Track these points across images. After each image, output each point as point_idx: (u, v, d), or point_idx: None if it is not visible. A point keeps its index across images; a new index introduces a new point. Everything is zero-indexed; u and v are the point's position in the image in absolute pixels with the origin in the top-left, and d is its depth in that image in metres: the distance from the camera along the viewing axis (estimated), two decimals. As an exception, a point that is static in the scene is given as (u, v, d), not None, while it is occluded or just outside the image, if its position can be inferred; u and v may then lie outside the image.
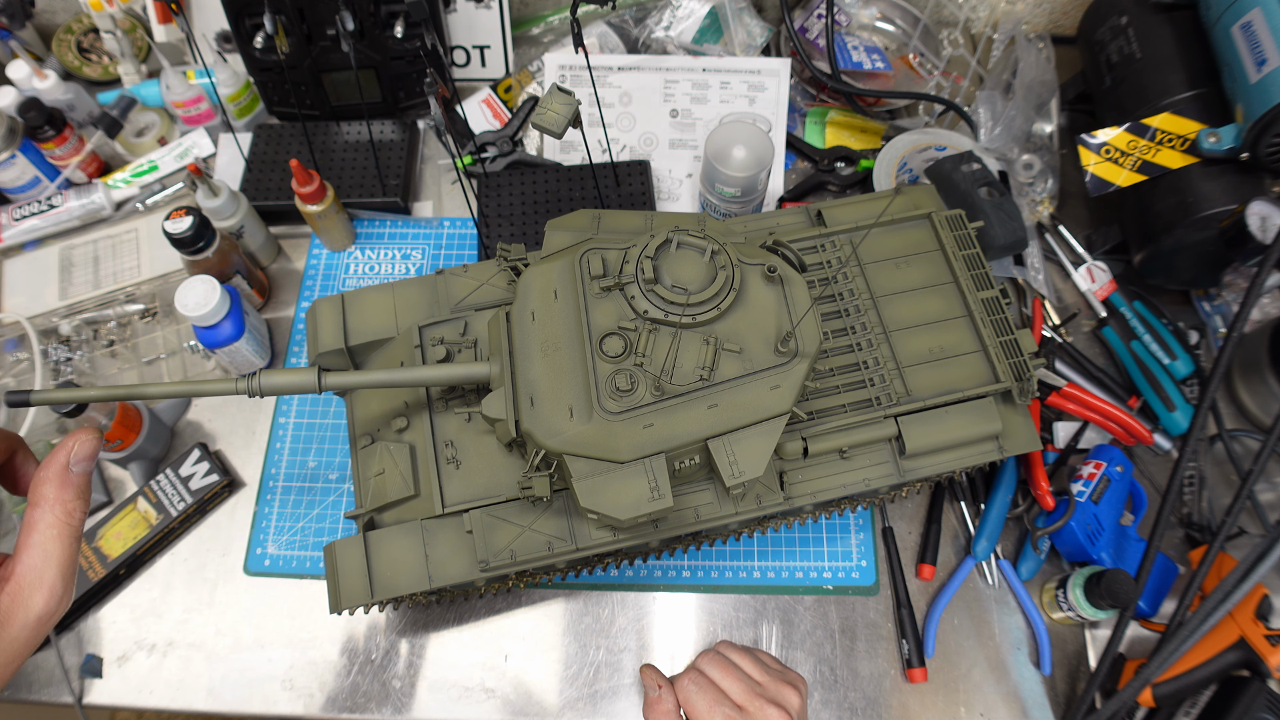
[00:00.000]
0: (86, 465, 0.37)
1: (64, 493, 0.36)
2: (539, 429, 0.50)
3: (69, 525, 0.36)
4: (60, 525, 0.36)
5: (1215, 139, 0.70)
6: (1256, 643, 0.60)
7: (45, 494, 0.36)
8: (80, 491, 0.37)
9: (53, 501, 0.36)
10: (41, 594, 0.35)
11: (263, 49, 0.84)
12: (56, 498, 0.36)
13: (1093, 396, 0.72)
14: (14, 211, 0.84)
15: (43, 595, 0.35)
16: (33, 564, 0.35)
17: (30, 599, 0.35)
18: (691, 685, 0.54)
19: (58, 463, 0.37)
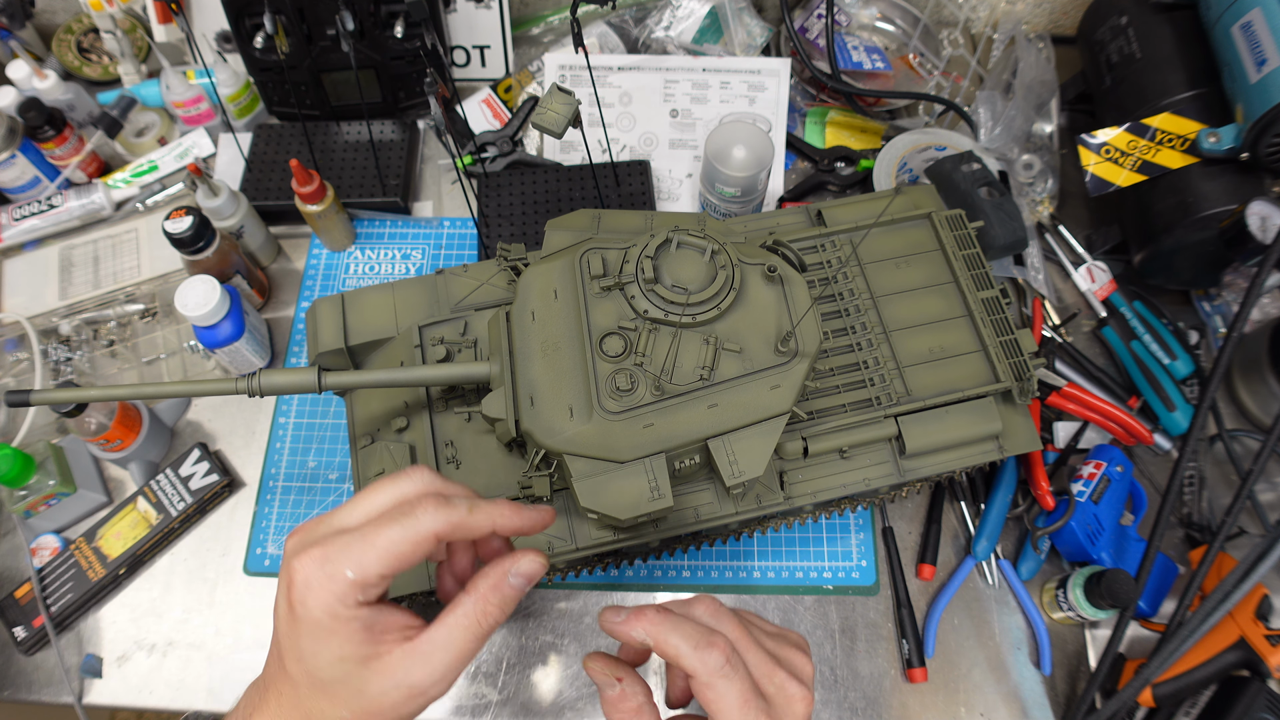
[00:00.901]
0: (523, 583, 0.37)
1: (493, 594, 0.36)
2: (539, 428, 0.50)
3: (480, 624, 0.36)
4: (474, 619, 0.36)
5: (1215, 139, 0.70)
6: (1256, 643, 0.60)
7: (479, 586, 0.37)
8: (504, 601, 0.37)
9: (480, 596, 0.36)
10: (426, 669, 0.35)
11: (263, 49, 0.84)
12: (486, 594, 0.36)
13: (1093, 396, 0.72)
14: (14, 211, 0.84)
15: (426, 670, 0.35)
16: (435, 638, 0.35)
17: (413, 667, 0.34)
18: (722, 676, 0.37)
19: (501, 568, 0.37)
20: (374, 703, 0.35)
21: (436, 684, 0.35)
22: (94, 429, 0.68)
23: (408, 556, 0.34)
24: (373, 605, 0.35)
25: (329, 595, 0.34)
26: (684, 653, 0.36)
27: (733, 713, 0.36)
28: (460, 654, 0.35)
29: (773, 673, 0.38)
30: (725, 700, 0.36)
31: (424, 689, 0.35)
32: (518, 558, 0.38)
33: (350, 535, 0.34)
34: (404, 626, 0.36)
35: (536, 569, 0.38)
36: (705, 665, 0.36)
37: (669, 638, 0.37)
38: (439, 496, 0.36)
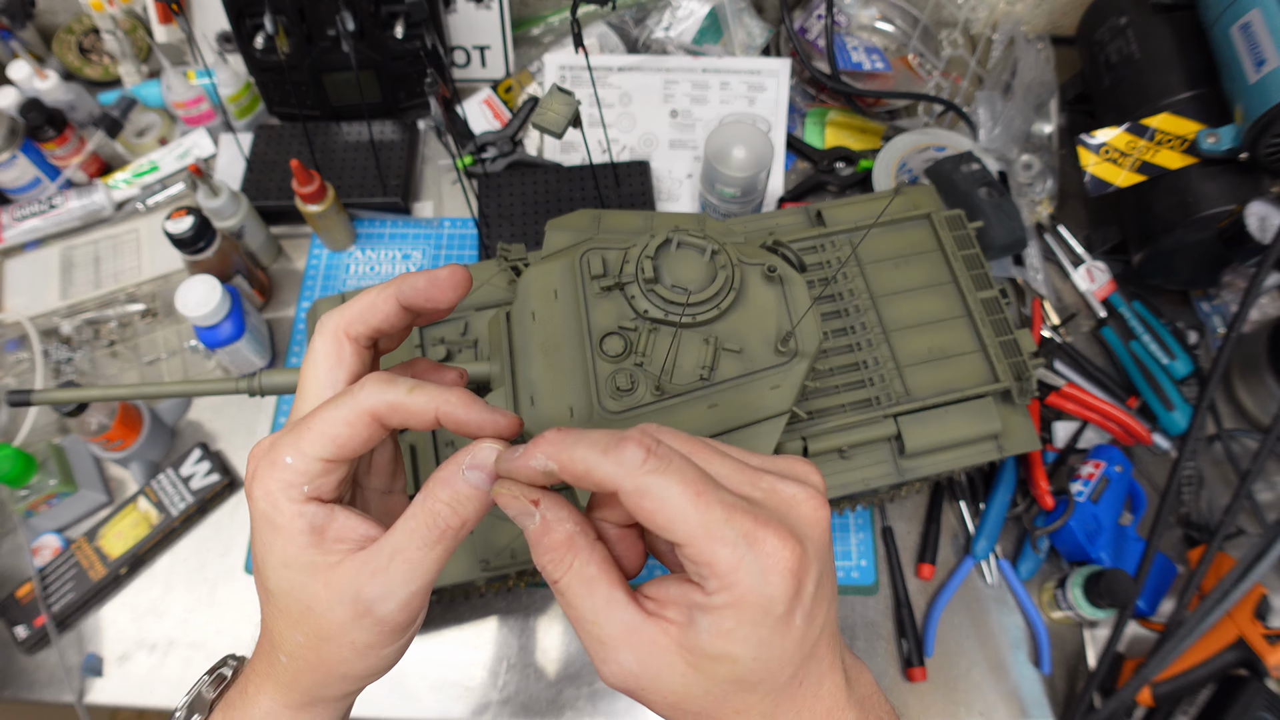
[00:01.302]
0: (479, 477, 0.31)
1: (441, 489, 0.30)
2: (539, 428, 0.50)
3: (431, 527, 0.30)
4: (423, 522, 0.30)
5: (1214, 139, 0.70)
6: (1255, 642, 0.60)
7: (429, 483, 0.31)
8: (456, 499, 0.30)
9: (429, 493, 0.30)
10: (374, 581, 0.30)
11: (263, 49, 0.84)
12: (434, 491, 0.30)
13: (1092, 396, 0.72)
14: (15, 212, 0.85)
15: (375, 582, 0.30)
16: (384, 545, 0.30)
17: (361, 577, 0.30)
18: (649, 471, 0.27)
19: (455, 460, 0.31)
20: (322, 621, 0.30)
21: (385, 600, 0.30)
22: (95, 429, 0.68)
23: (346, 440, 0.30)
24: (325, 505, 0.31)
25: (272, 483, 0.30)
26: (593, 463, 0.28)
27: (687, 512, 0.27)
28: (411, 564, 0.30)
29: (755, 477, 0.30)
30: (668, 499, 0.27)
31: (370, 605, 0.30)
32: (474, 448, 0.31)
33: (297, 421, 0.31)
34: (362, 536, 0.31)
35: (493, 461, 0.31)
36: (623, 465, 0.27)
37: (574, 451, 0.28)
38: (383, 376, 0.31)
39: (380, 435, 0.31)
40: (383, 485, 0.36)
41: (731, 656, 0.28)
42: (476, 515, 0.31)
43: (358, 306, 0.33)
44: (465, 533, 0.31)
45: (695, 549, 0.27)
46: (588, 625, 0.29)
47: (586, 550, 0.30)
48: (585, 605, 0.29)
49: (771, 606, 0.27)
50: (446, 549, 0.30)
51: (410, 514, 0.30)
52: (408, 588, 0.30)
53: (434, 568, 0.30)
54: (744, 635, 0.27)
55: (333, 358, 0.33)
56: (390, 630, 0.31)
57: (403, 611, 0.30)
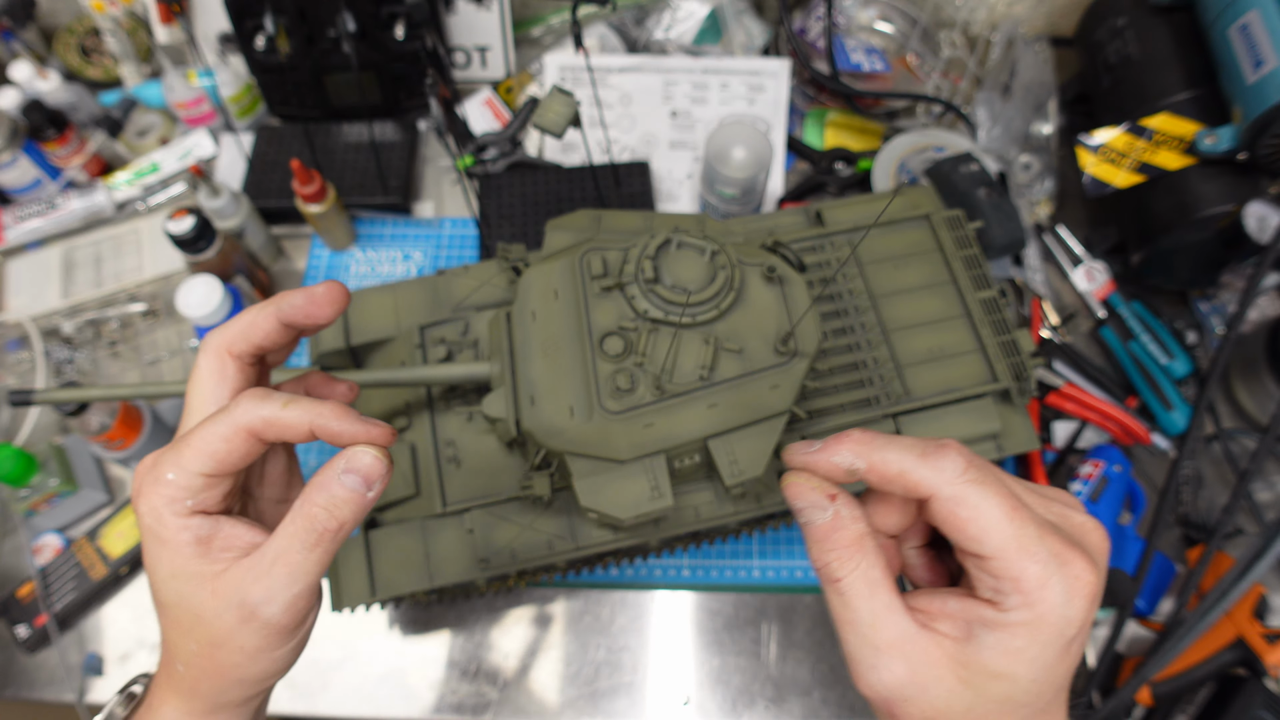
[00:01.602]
0: (356, 481, 0.32)
1: (318, 494, 0.31)
2: (539, 428, 0.50)
3: (309, 530, 0.31)
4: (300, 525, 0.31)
5: (1213, 140, 0.70)
6: (1254, 641, 0.60)
7: (306, 488, 0.32)
8: (333, 503, 0.31)
9: (306, 498, 0.31)
10: (258, 584, 0.30)
11: (264, 50, 0.84)
12: (311, 495, 0.31)
13: (1091, 396, 0.72)
14: (16, 212, 0.85)
15: (259, 586, 0.30)
16: (267, 549, 0.31)
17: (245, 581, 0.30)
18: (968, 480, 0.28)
19: (332, 465, 0.32)
20: (212, 628, 0.31)
21: (269, 603, 0.30)
22: (96, 428, 0.68)
23: (224, 456, 0.31)
24: (210, 517, 0.32)
25: (156, 499, 0.31)
26: (909, 466, 0.28)
27: (1002, 525, 0.27)
28: (291, 566, 0.30)
29: (1047, 503, 0.29)
30: (985, 510, 0.27)
31: (255, 608, 0.30)
32: (349, 452, 0.32)
33: (179, 438, 0.32)
34: (247, 544, 0.32)
35: (370, 465, 0.32)
36: (943, 473, 0.28)
37: (885, 454, 0.29)
38: (258, 392, 0.32)
39: (258, 449, 0.32)
40: (277, 495, 0.37)
41: (1013, 676, 0.27)
42: (354, 518, 0.32)
43: (239, 325, 0.35)
44: (344, 535, 0.32)
45: (1004, 563, 0.27)
46: (863, 629, 0.28)
47: (873, 553, 0.29)
48: (865, 608, 0.29)
49: (1066, 629, 0.27)
50: (326, 551, 0.31)
51: (289, 519, 0.31)
52: (290, 590, 0.31)
53: (315, 569, 0.31)
54: (1032, 655, 0.27)
55: (216, 375, 0.34)
56: (277, 632, 0.31)
57: (287, 613, 0.31)
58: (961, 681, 0.28)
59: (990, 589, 0.28)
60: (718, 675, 0.67)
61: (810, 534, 0.30)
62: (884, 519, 0.32)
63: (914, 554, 0.33)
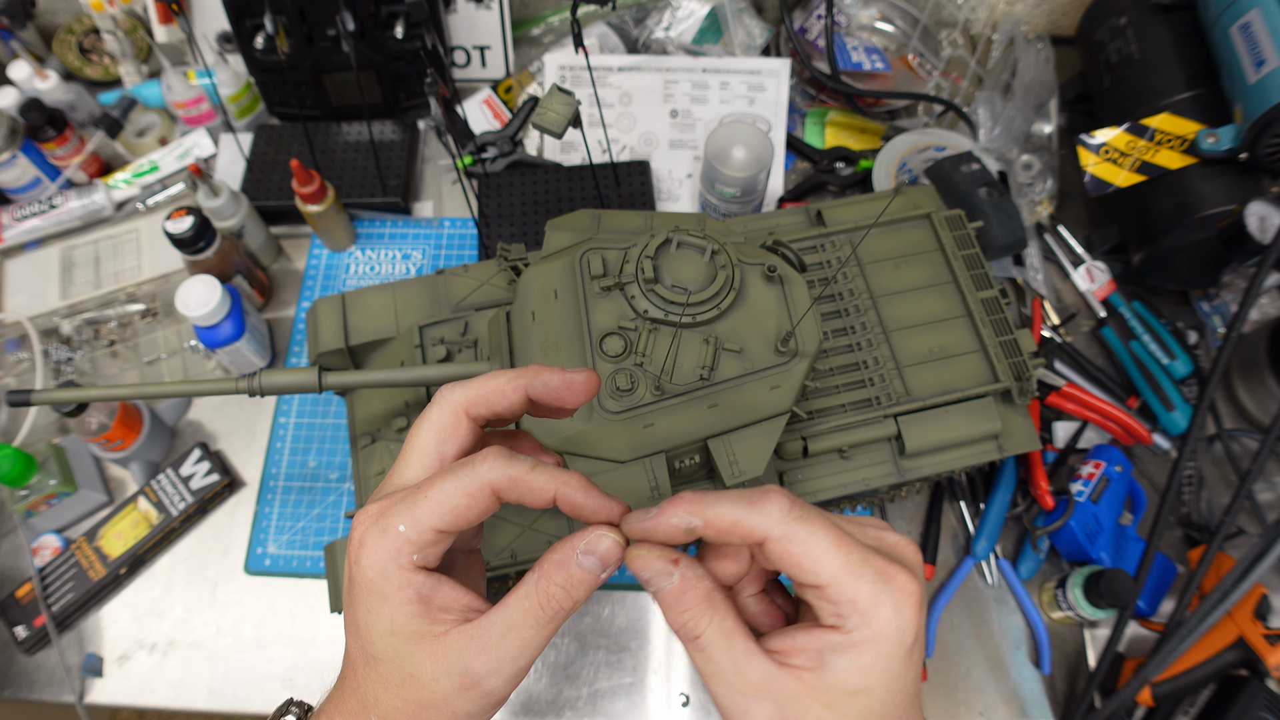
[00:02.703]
0: (595, 563, 0.32)
1: (557, 573, 0.31)
2: (539, 428, 0.50)
3: (543, 608, 0.31)
4: (535, 602, 0.31)
5: (1214, 139, 0.70)
6: (1255, 642, 0.60)
7: (543, 564, 0.32)
8: (570, 583, 0.31)
9: (544, 574, 0.31)
10: (482, 656, 0.30)
11: (263, 49, 0.84)
12: (549, 573, 0.31)
13: (1092, 396, 0.72)
14: (15, 212, 0.85)
15: (483, 658, 0.30)
16: (495, 621, 0.31)
17: (469, 651, 0.30)
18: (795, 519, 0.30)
19: (570, 544, 0.32)
20: (426, 690, 0.30)
21: (494, 675, 0.30)
22: (95, 429, 0.68)
23: (463, 511, 0.31)
24: (431, 574, 0.31)
25: (381, 552, 0.30)
26: (740, 515, 0.30)
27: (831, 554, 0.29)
28: (522, 642, 0.31)
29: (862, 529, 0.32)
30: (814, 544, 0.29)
31: (479, 679, 0.30)
32: (589, 534, 0.32)
33: (408, 490, 0.32)
34: (466, 607, 0.31)
35: (609, 549, 0.32)
36: (770, 516, 0.30)
37: (717, 508, 0.31)
38: (503, 451, 0.32)
39: (494, 508, 0.32)
40: (465, 545, 0.37)
41: (869, 690, 0.30)
42: (586, 597, 0.32)
43: (484, 389, 0.34)
44: (571, 614, 0.32)
45: (838, 588, 0.29)
46: (728, 678, 0.30)
47: (723, 605, 0.31)
48: (725, 658, 0.30)
49: (903, 638, 0.29)
50: (556, 628, 0.32)
51: (524, 593, 0.31)
52: (517, 664, 0.31)
53: (543, 645, 0.31)
54: (880, 668, 0.29)
55: (447, 431, 0.34)
56: (495, 703, 0.31)
57: (509, 685, 0.31)
58: (826, 706, 0.30)
59: (831, 615, 0.30)
60: (718, 676, 0.67)
61: (663, 600, 0.31)
62: (723, 570, 0.34)
63: (752, 601, 0.35)
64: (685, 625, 0.31)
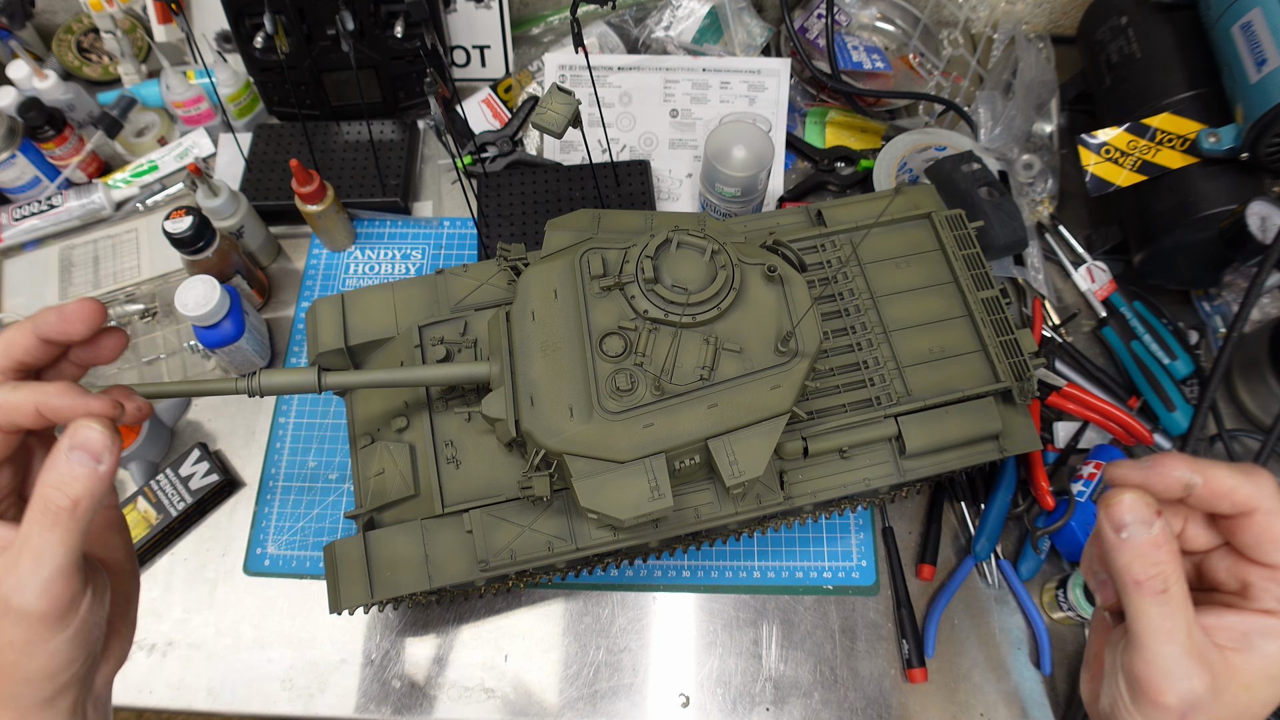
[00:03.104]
0: (83, 456, 0.31)
1: (49, 474, 0.31)
2: (539, 428, 0.50)
3: (46, 512, 0.31)
4: (38, 509, 0.31)
5: (1215, 139, 0.70)
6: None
7: (40, 474, 0.32)
8: (64, 481, 0.31)
9: (40, 481, 0.31)
10: (11, 577, 0.30)
11: (263, 49, 0.84)
12: (44, 477, 0.31)
13: (1093, 396, 0.72)
14: (14, 211, 0.84)
15: (12, 578, 0.30)
16: (8, 543, 0.31)
17: (1, 579, 0.30)
18: None
19: (59, 445, 0.32)
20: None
21: (20, 591, 0.30)
22: (94, 429, 0.68)
23: None
24: None
25: None
26: (1238, 483, 0.32)
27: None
28: (36, 551, 0.30)
29: None
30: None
31: (9, 599, 0.30)
32: (71, 429, 0.32)
33: None
34: (5, 541, 0.32)
35: (92, 438, 0.32)
36: (1264, 489, 0.31)
37: (1216, 471, 0.32)
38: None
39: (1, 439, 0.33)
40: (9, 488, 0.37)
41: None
42: (89, 493, 0.31)
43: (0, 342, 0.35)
44: (83, 512, 0.31)
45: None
46: (1181, 638, 0.31)
47: (1181, 566, 0.31)
48: (1183, 618, 0.31)
49: None
50: (68, 530, 0.31)
51: (30, 505, 0.31)
52: (38, 574, 0.30)
53: (59, 550, 0.30)
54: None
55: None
56: (39, 621, 0.30)
57: (41, 599, 0.30)
58: (1243, 688, 0.31)
59: (1276, 599, 0.31)
60: (718, 676, 0.67)
61: (1133, 549, 0.31)
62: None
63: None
64: (1155, 577, 0.31)
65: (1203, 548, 0.35)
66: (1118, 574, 0.32)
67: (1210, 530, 0.35)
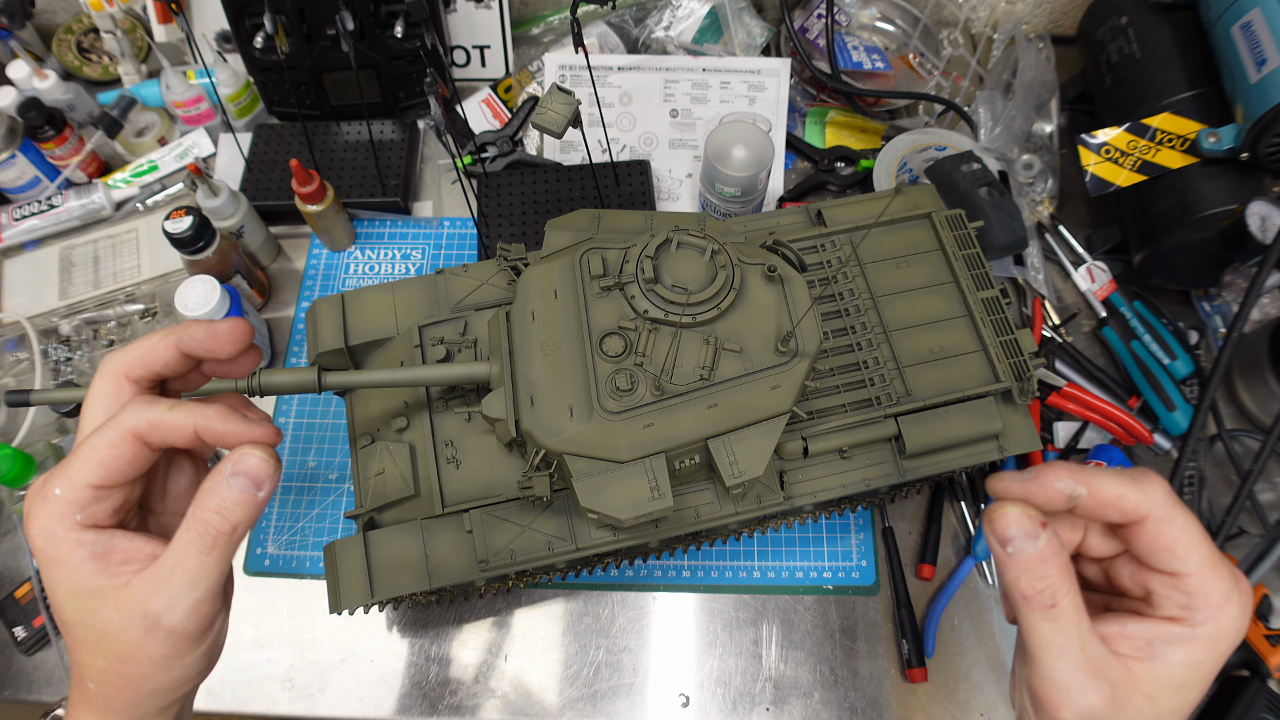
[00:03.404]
0: (244, 483, 0.33)
1: (209, 499, 0.32)
2: (539, 428, 0.50)
3: (203, 535, 0.32)
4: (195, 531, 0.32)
5: (1215, 139, 0.70)
6: (1256, 643, 0.60)
7: (198, 494, 0.33)
8: (224, 506, 0.32)
9: (198, 504, 0.32)
10: (160, 593, 0.31)
11: (263, 49, 0.84)
12: (203, 500, 0.32)
13: (1093, 396, 0.72)
14: (14, 211, 0.84)
15: (161, 595, 0.31)
16: (165, 559, 0.32)
17: (148, 592, 0.31)
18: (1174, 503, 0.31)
19: (219, 470, 0.33)
20: (118, 643, 0.31)
21: (171, 610, 0.31)
22: (94, 429, 0.68)
23: (112, 462, 0.32)
24: (104, 530, 0.32)
25: (45, 518, 0.31)
26: (1126, 491, 0.30)
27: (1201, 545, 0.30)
28: (190, 573, 0.31)
29: None
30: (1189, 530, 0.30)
31: (158, 618, 0.31)
32: (236, 455, 0.33)
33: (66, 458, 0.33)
34: (148, 555, 0.32)
35: (256, 465, 0.33)
36: (1154, 496, 0.30)
37: (1101, 480, 0.31)
38: (144, 399, 0.33)
39: (146, 455, 0.33)
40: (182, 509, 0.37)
41: (1191, 686, 0.30)
42: (247, 519, 0.33)
43: (139, 350, 0.35)
44: (239, 537, 0.33)
45: (1199, 579, 0.30)
46: (1073, 653, 0.30)
47: (1073, 579, 0.31)
48: (1075, 633, 0.30)
49: (1235, 640, 0.30)
50: (223, 553, 0.32)
51: (184, 525, 0.32)
52: (191, 595, 0.31)
53: (214, 572, 0.32)
54: (1209, 667, 0.30)
55: (111, 397, 0.34)
56: (183, 639, 0.32)
57: (190, 619, 0.32)
58: (1147, 698, 0.30)
59: (1178, 606, 0.30)
60: (718, 676, 0.67)
61: (1020, 563, 0.31)
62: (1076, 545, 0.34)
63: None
64: (1043, 592, 0.30)
65: (1106, 555, 0.34)
66: (1007, 589, 0.31)
67: (1111, 538, 0.34)
